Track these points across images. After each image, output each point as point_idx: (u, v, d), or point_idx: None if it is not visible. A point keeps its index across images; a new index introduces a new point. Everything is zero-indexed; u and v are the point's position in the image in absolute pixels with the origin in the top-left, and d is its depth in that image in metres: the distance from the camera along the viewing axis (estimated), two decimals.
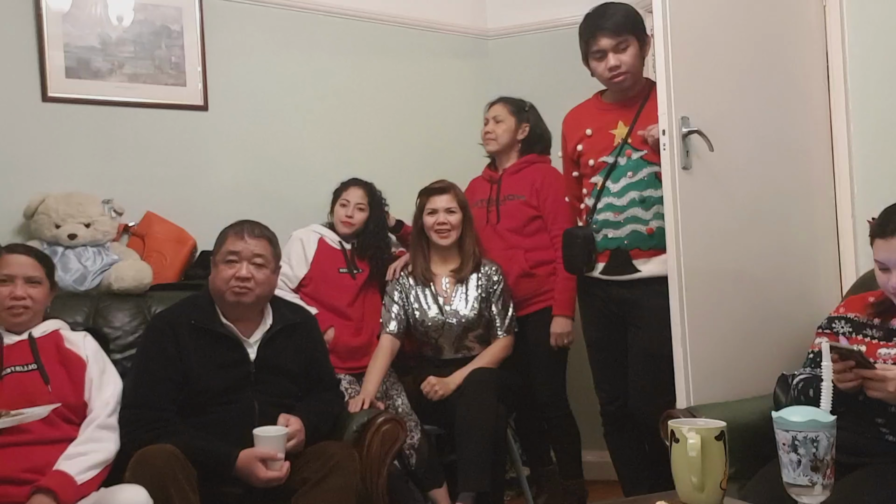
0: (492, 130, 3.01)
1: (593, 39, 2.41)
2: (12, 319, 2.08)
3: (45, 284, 2.16)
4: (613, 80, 2.43)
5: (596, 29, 2.40)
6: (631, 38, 2.39)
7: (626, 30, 2.39)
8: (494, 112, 3.03)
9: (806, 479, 1.28)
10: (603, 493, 3.11)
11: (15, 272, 2.09)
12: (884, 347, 1.76)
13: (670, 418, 1.87)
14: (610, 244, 2.44)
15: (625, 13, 2.40)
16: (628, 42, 2.39)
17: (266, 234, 2.26)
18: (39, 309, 2.14)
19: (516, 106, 3.03)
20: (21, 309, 2.08)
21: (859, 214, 2.43)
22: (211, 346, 2.15)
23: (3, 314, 2.08)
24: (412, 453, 2.57)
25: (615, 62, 2.39)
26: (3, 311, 2.07)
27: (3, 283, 2.08)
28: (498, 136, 3.00)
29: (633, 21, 2.41)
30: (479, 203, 3.03)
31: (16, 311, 2.08)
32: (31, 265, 2.12)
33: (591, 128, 2.51)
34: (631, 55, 2.40)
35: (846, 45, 2.45)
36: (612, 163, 2.44)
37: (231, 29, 3.11)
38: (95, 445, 1.99)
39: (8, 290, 2.07)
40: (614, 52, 2.39)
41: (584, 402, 2.97)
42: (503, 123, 3.00)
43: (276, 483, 1.98)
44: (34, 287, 2.11)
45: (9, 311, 2.07)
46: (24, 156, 2.71)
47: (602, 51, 2.40)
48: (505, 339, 2.83)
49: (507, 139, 3.00)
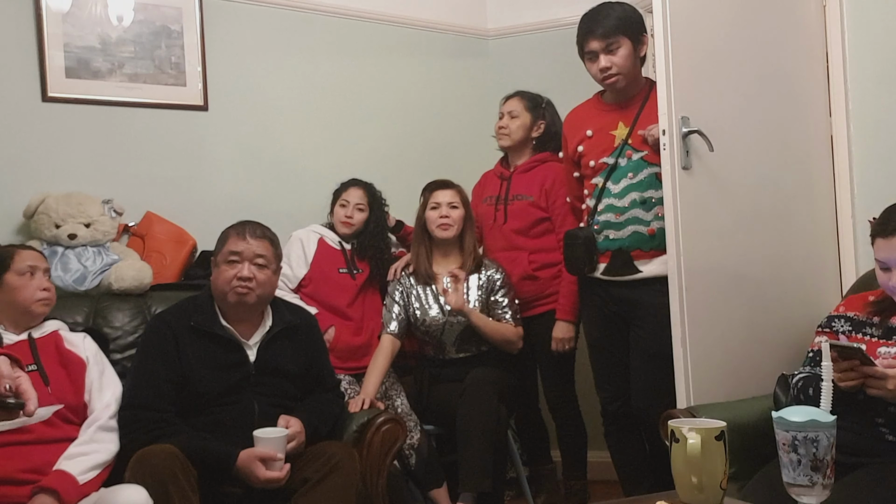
0: (506, 125, 2.94)
1: (584, 41, 2.43)
2: (41, 311, 2.12)
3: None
4: (605, 81, 2.45)
5: (586, 31, 2.43)
6: (622, 38, 2.38)
7: (617, 31, 2.38)
8: (510, 106, 2.96)
9: (806, 479, 1.28)
10: (603, 493, 3.11)
11: (37, 264, 2.14)
12: (884, 346, 1.76)
13: (670, 418, 1.87)
14: (611, 245, 2.45)
15: (618, 15, 2.40)
16: (619, 43, 2.38)
17: (268, 235, 2.26)
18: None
19: (533, 102, 2.96)
20: (49, 301, 2.13)
21: (859, 214, 2.43)
22: (210, 347, 2.15)
23: (33, 306, 2.10)
24: (412, 453, 2.57)
25: (606, 63, 2.40)
26: (34, 304, 2.10)
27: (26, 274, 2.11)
28: (512, 131, 2.93)
29: (627, 22, 2.39)
30: (489, 200, 3.00)
31: (46, 303, 2.13)
32: (43, 259, 2.20)
33: (592, 129, 2.52)
34: (622, 56, 2.39)
35: (846, 45, 2.45)
36: (613, 164, 2.45)
37: (231, 29, 3.11)
38: (97, 446, 1.99)
39: (36, 283, 2.11)
40: (605, 53, 2.40)
41: (583, 403, 2.97)
42: (518, 119, 2.93)
43: (275, 485, 1.98)
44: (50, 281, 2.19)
45: (40, 303, 2.12)
46: (24, 156, 2.71)
47: (593, 52, 2.42)
48: (514, 327, 2.79)
49: (520, 135, 2.94)
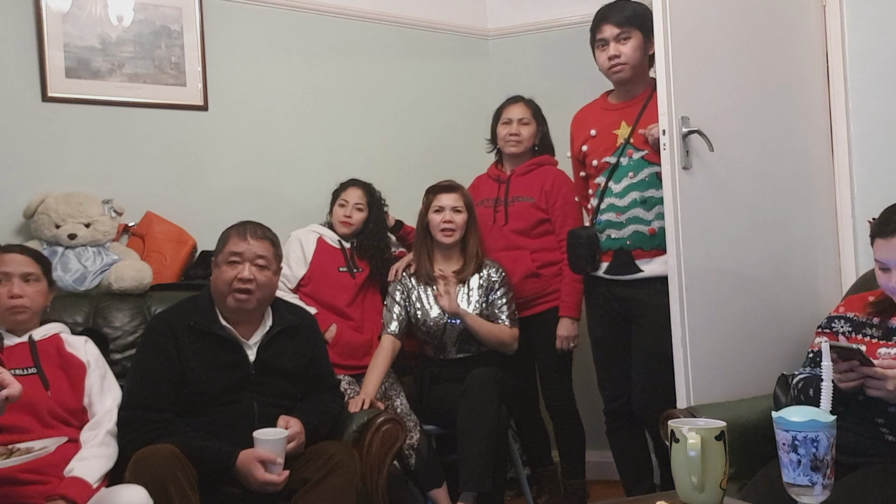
0: (518, 132, 2.94)
1: (598, 28, 2.49)
2: (13, 318, 2.08)
3: (43, 282, 2.16)
4: (612, 69, 2.47)
5: (602, 18, 2.48)
6: (635, 31, 2.42)
7: (631, 22, 2.42)
8: (520, 113, 2.96)
9: (806, 479, 1.28)
10: (603, 493, 3.12)
11: (10, 269, 2.09)
12: (883, 346, 1.76)
13: (670, 418, 1.87)
14: (613, 244, 2.46)
15: (634, 8, 2.45)
16: (630, 34, 2.42)
17: (268, 236, 2.26)
18: (38, 308, 2.14)
19: (536, 108, 3.00)
20: (21, 308, 2.07)
21: (859, 214, 2.43)
22: (210, 347, 2.15)
23: (4, 314, 2.07)
24: (412, 453, 2.56)
25: (615, 52, 2.44)
26: (4, 312, 2.07)
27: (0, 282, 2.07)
28: (524, 138, 2.95)
29: (641, 17, 2.42)
30: (485, 202, 3.00)
31: (16, 311, 2.07)
32: (26, 262, 2.12)
33: (596, 128, 2.54)
34: (632, 48, 2.43)
35: (846, 45, 2.45)
36: (615, 163, 2.46)
37: (231, 29, 3.10)
38: (107, 450, 2.00)
39: (6, 290, 2.07)
40: (616, 41, 2.44)
41: (583, 403, 2.97)
42: (529, 126, 2.96)
43: (272, 489, 1.97)
44: (31, 285, 2.11)
45: (9, 312, 2.07)
46: (24, 156, 2.71)
47: (605, 40, 2.46)
48: (509, 329, 2.79)
49: (531, 142, 2.97)
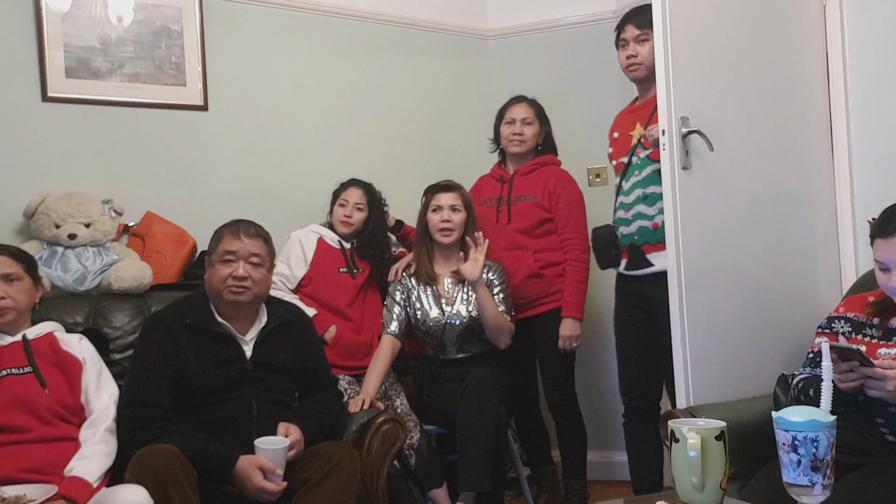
0: (522, 132, 2.96)
1: (622, 28, 2.65)
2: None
3: (26, 280, 2.12)
4: (629, 68, 2.62)
5: (626, 19, 2.65)
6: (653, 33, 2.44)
7: (651, 25, 2.44)
8: (523, 113, 2.98)
9: (806, 479, 1.28)
10: (603, 493, 3.12)
11: None
12: (883, 347, 1.76)
13: (670, 418, 1.87)
14: (625, 241, 2.59)
15: None
16: (649, 36, 2.48)
17: (261, 234, 2.27)
18: (24, 308, 2.11)
19: (539, 108, 3.02)
20: (4, 310, 2.05)
21: (859, 214, 2.43)
22: (207, 344, 2.15)
23: None
24: (412, 453, 2.56)
25: (633, 52, 2.58)
26: None
27: None
28: (528, 138, 2.97)
29: None
30: (488, 202, 3.01)
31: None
32: (6, 262, 2.09)
33: (618, 131, 2.69)
34: (649, 49, 2.51)
35: (846, 45, 2.45)
36: (627, 163, 2.58)
37: (231, 29, 3.10)
38: (106, 448, 1.99)
39: None
40: (635, 42, 2.58)
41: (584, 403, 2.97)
42: (533, 126, 2.98)
43: (266, 497, 1.96)
44: (13, 285, 2.08)
45: None
46: (24, 156, 2.71)
47: (625, 40, 2.61)
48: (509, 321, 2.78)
49: (534, 142, 2.99)
